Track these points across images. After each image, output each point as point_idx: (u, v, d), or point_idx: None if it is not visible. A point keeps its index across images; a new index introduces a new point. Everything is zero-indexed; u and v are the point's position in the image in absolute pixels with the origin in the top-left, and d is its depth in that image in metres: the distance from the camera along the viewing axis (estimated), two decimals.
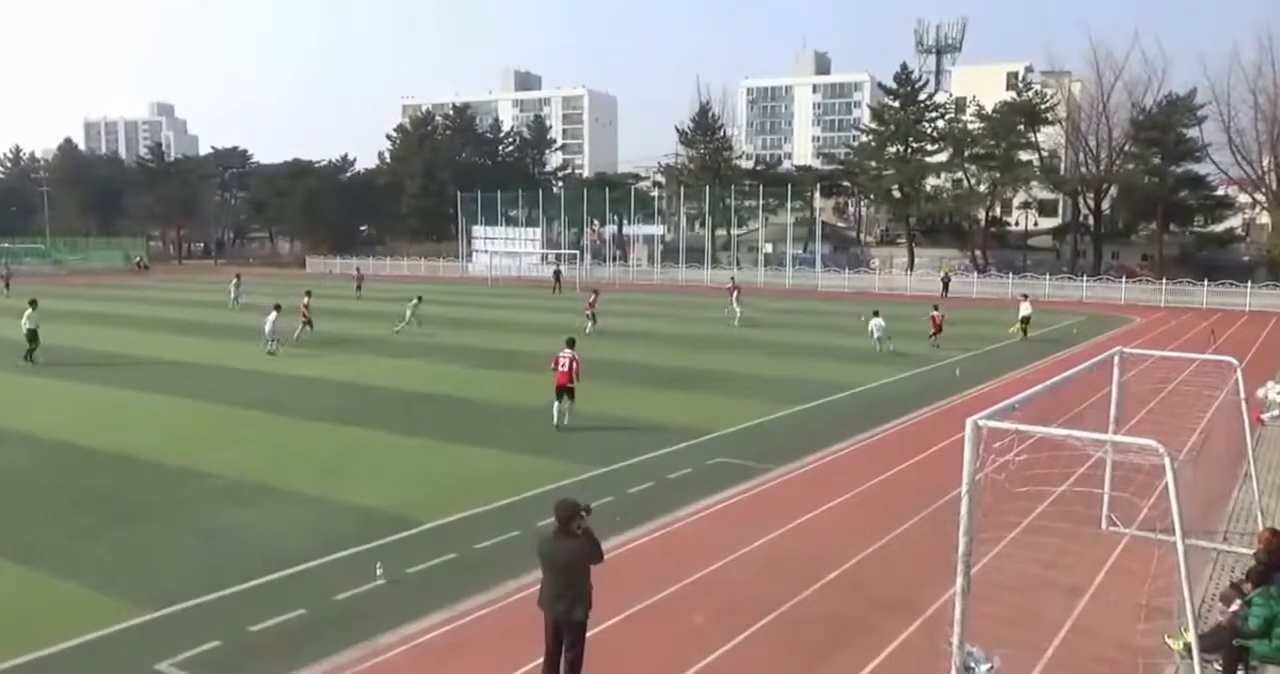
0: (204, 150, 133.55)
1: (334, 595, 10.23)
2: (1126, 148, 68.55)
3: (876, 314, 30.59)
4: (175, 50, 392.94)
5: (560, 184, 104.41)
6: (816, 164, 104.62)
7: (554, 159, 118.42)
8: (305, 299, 32.70)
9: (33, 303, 27.68)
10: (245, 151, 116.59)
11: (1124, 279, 57.81)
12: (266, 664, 8.80)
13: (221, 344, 31.68)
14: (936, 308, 33.07)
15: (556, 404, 18.49)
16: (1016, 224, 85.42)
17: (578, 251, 75.14)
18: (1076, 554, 11.19)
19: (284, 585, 10.58)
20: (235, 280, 47.35)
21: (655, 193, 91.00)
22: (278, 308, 29.71)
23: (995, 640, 7.93)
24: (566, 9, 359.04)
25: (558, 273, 63.08)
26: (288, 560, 11.19)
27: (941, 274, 62.01)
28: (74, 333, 34.04)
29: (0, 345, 31.06)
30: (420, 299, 36.29)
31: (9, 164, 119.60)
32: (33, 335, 27.04)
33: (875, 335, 29.85)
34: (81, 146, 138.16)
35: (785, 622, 9.73)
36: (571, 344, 19.01)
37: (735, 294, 41.71)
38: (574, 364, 18.37)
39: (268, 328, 29.04)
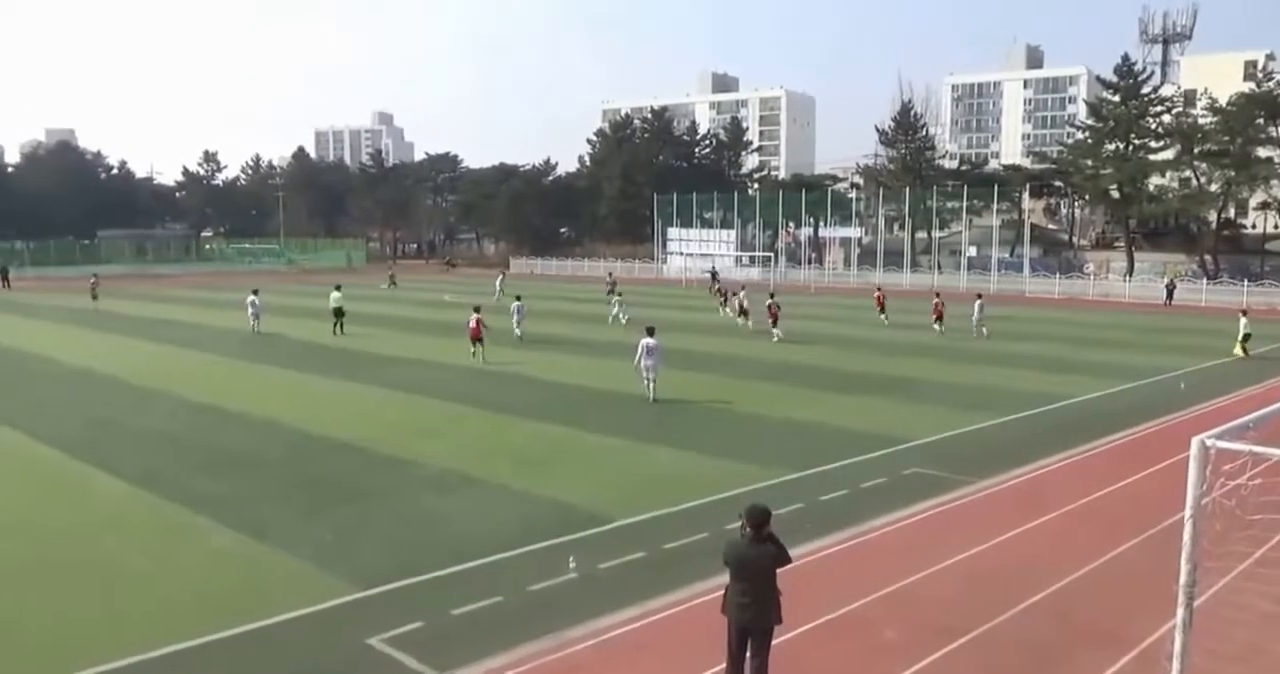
0: (419, 156, 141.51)
1: (528, 586, 10.61)
2: None
3: (980, 297, 36.13)
4: (395, 61, 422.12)
5: (756, 186, 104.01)
6: (1026, 163, 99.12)
7: (750, 161, 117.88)
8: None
9: (338, 286, 36.94)
10: (456, 157, 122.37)
11: None
12: (464, 646, 9.22)
13: (438, 341, 33.63)
14: (939, 294, 37.16)
15: (773, 330, 32.50)
16: (1253, 227, 77.85)
17: (773, 254, 74.62)
18: None
19: (482, 573, 11.05)
20: (501, 277, 50.52)
21: (853, 194, 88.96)
22: (616, 293, 38.12)
23: None
24: (765, 9, 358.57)
25: (714, 272, 64.98)
26: (487, 549, 11.70)
27: (1166, 280, 57.50)
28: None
29: (221, 334, 34.31)
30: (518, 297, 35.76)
31: (250, 171, 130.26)
32: (339, 312, 34.68)
33: (974, 317, 34.61)
34: (312, 154, 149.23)
35: (982, 644, 9.29)
36: (772, 295, 34.66)
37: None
38: (779, 309, 33.59)
39: (623, 318, 36.30)
